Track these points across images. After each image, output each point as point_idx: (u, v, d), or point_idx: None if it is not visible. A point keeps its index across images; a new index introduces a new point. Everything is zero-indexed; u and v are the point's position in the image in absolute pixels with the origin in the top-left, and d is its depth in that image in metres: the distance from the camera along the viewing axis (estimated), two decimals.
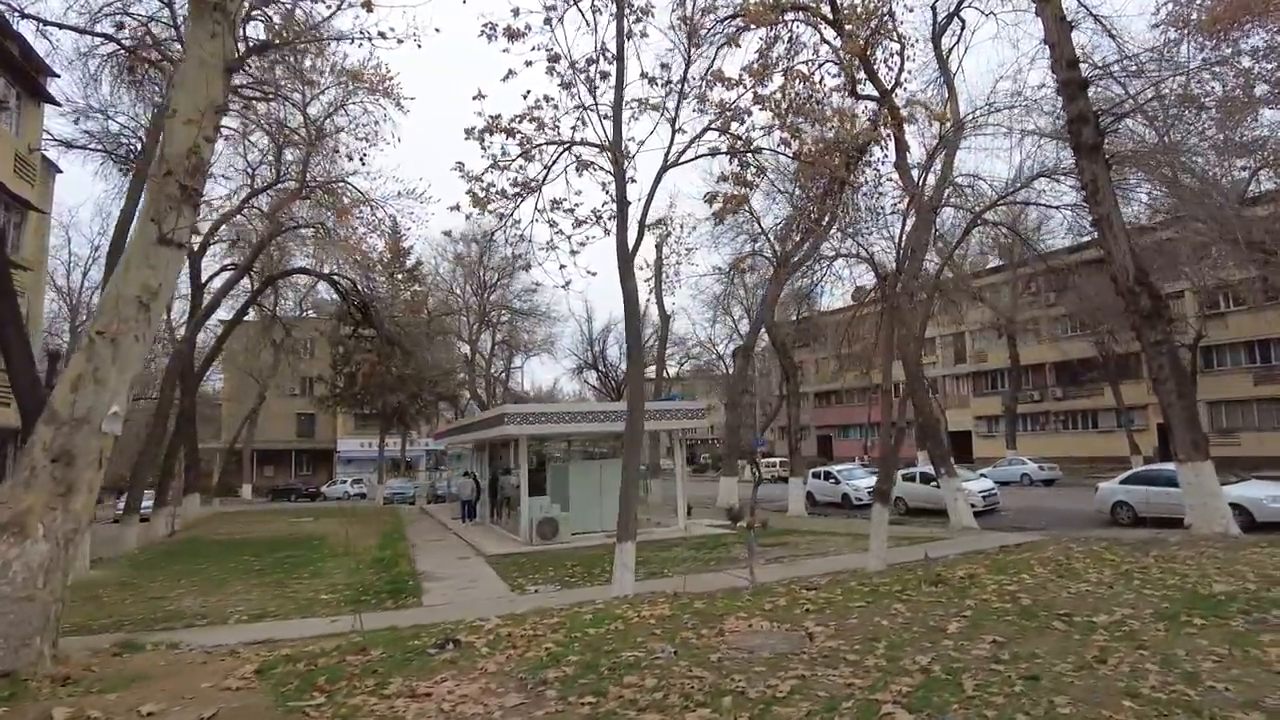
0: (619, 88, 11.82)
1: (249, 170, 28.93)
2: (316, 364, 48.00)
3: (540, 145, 12.80)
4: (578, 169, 11.88)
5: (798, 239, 26.87)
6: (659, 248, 34.71)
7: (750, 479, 52.66)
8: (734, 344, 44.49)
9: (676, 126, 11.32)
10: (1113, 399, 38.73)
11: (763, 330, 31.53)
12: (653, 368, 55.26)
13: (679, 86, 11.30)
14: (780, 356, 25.95)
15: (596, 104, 11.37)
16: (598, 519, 19.17)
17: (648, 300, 36.54)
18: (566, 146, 12.60)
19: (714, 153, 11.76)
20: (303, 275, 29.95)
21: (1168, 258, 32.63)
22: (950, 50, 23.53)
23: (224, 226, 28.64)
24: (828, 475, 29.82)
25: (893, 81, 23.17)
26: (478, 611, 10.18)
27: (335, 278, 27.09)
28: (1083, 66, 20.62)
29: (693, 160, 11.48)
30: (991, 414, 47.70)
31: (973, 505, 22.57)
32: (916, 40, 24.02)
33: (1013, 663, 4.98)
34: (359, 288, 26.64)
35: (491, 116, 11.29)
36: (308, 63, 23.54)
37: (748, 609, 6.87)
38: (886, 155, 23.10)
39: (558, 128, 11.59)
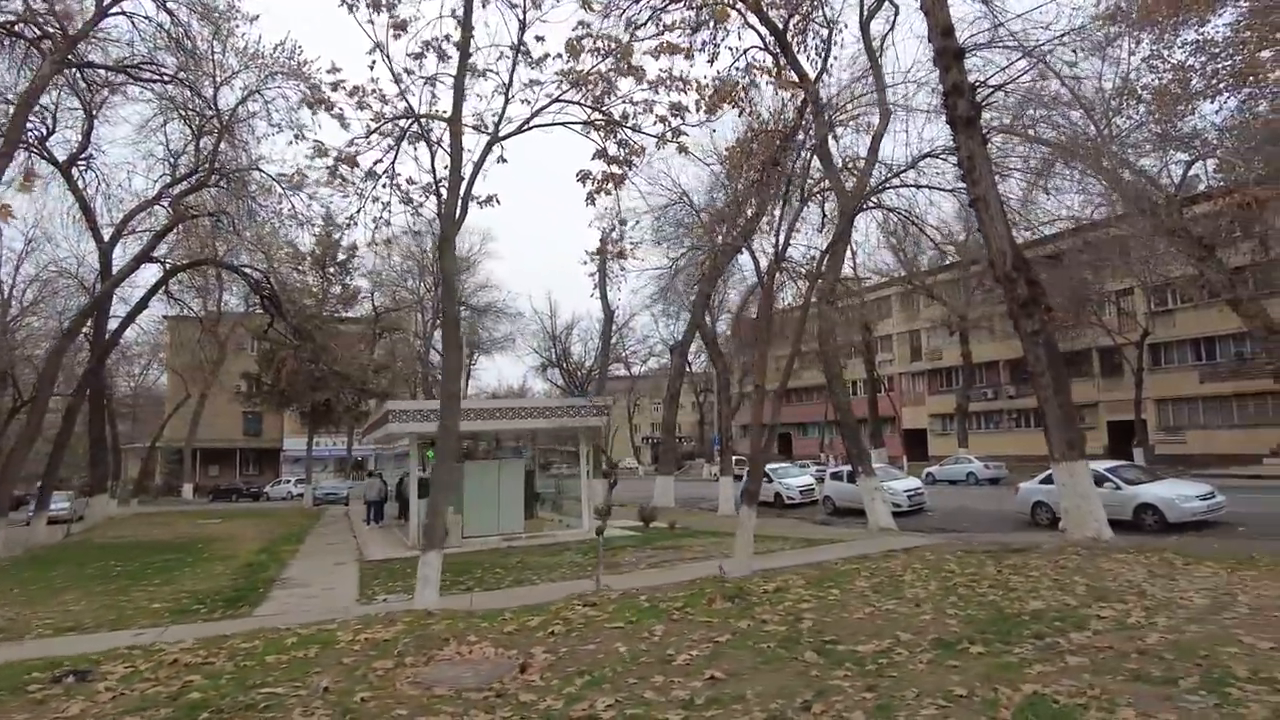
0: (463, 57, 10.88)
1: (170, 159, 27.73)
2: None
3: (393, 120, 11.97)
4: (420, 142, 10.92)
5: (728, 236, 26.02)
6: (603, 242, 33.75)
7: (709, 477, 51.99)
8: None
9: (510, 95, 10.37)
10: None
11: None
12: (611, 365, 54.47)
13: (513, 52, 10.36)
14: (711, 353, 25.15)
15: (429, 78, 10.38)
16: (494, 521, 18.21)
17: (593, 295, 35.50)
18: (414, 120, 11.68)
19: (565, 124, 10.82)
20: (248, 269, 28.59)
21: (1120, 254, 32.22)
22: (885, 37, 22.73)
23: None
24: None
25: (819, 68, 22.45)
26: (305, 621, 9.25)
27: (245, 269, 25.89)
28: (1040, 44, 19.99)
29: (524, 131, 10.52)
30: (946, 412, 47.09)
31: (897, 505, 21.86)
32: (845, 25, 23.28)
33: (703, 708, 4.10)
34: (270, 280, 25.44)
35: (309, 87, 10.32)
36: (203, 45, 22.45)
37: (483, 631, 5.97)
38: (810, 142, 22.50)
39: (386, 99, 10.60)
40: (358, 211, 13.63)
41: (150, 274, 29.68)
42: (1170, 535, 15.14)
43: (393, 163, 12.40)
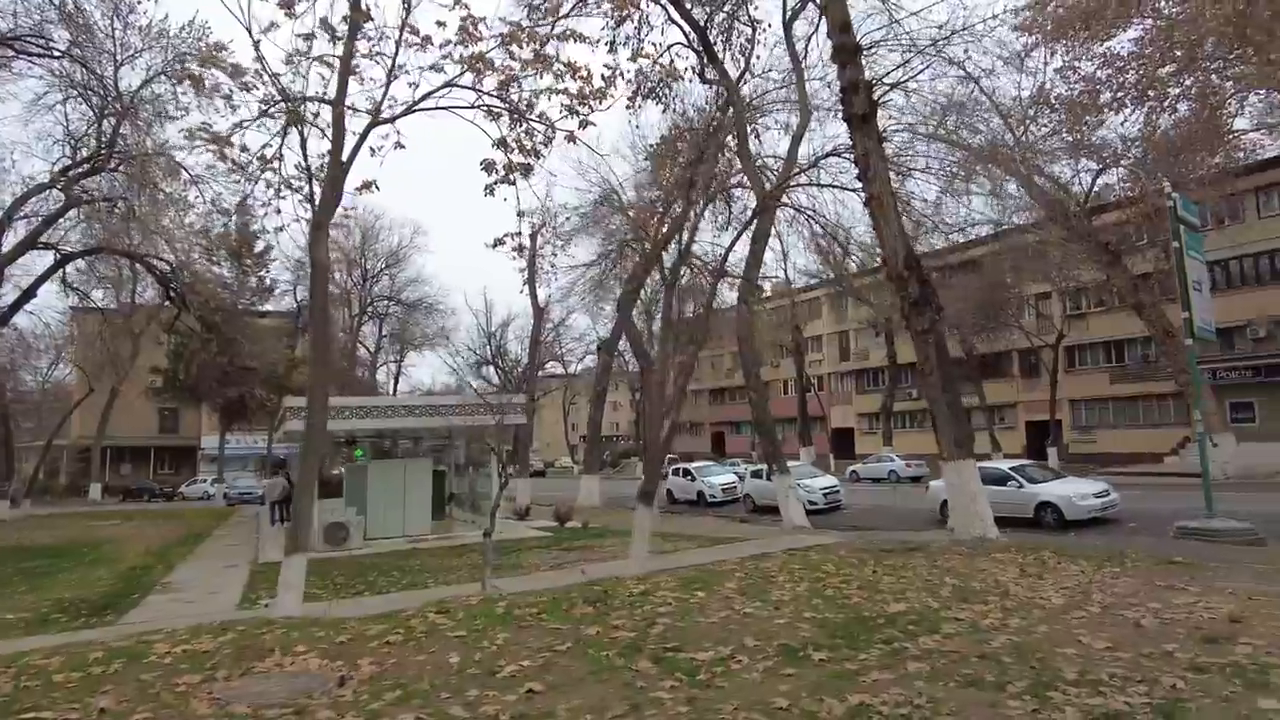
0: (350, 37, 10.40)
1: (70, 141, 26.17)
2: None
3: (279, 103, 11.40)
4: (305, 125, 10.38)
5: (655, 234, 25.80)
6: (534, 237, 33.23)
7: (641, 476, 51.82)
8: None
9: (394, 77, 9.94)
10: (987, 397, 39.23)
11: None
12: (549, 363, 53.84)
13: (398, 32, 9.93)
14: (635, 352, 24.89)
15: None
16: (399, 523, 17.66)
17: (522, 291, 34.86)
18: (300, 102, 11.13)
19: (450, 108, 10.39)
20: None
21: (1035, 258, 33.16)
22: (809, 38, 22.80)
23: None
24: (685, 473, 28.98)
25: (742, 66, 22.41)
26: (177, 626, 8.68)
27: (150, 258, 24.65)
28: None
29: (410, 113, 10.10)
30: (873, 411, 47.95)
31: (813, 503, 22.03)
32: (768, 25, 23.30)
33: None
34: (175, 270, 24.28)
35: (181, 64, 9.71)
36: (103, 20, 21.19)
37: (317, 641, 5.61)
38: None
39: (264, 79, 10.06)
40: (245, 198, 13.10)
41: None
42: (1068, 532, 15.53)
43: (280, 147, 11.86)
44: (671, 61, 20.72)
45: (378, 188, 9.88)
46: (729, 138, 22.10)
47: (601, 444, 33.96)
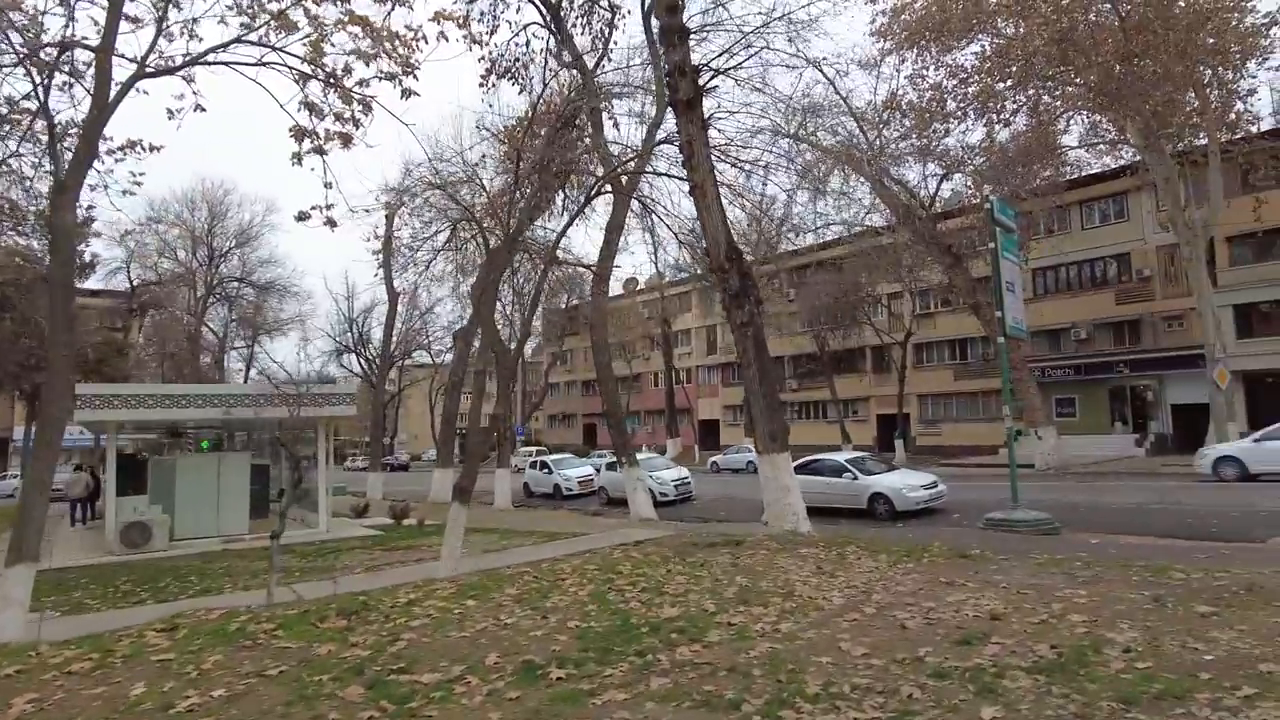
0: None
1: None
2: None
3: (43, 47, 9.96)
4: (44, 72, 9.06)
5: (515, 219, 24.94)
6: (390, 219, 31.56)
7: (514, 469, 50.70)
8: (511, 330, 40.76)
9: (165, 24, 8.82)
10: (840, 391, 40.68)
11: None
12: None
13: None
14: (490, 342, 23.86)
15: None
16: (213, 522, 16.16)
17: (376, 275, 33.09)
18: (70, 47, 9.75)
19: (230, 64, 9.30)
20: None
21: (891, 260, 34.47)
22: None
23: None
24: (543, 465, 28.47)
25: (599, 53, 21.88)
26: None
27: None
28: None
29: (186, 67, 8.99)
30: (738, 403, 48.89)
31: (665, 495, 21.97)
32: (628, 11, 22.95)
33: None
34: None
35: None
36: None
37: None
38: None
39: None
40: (9, 158, 11.58)
41: None
42: (898, 523, 16.01)
43: (46, 99, 10.39)
44: (528, 42, 20.07)
45: (145, 148, 8.74)
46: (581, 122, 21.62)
47: (460, 436, 32.75)
